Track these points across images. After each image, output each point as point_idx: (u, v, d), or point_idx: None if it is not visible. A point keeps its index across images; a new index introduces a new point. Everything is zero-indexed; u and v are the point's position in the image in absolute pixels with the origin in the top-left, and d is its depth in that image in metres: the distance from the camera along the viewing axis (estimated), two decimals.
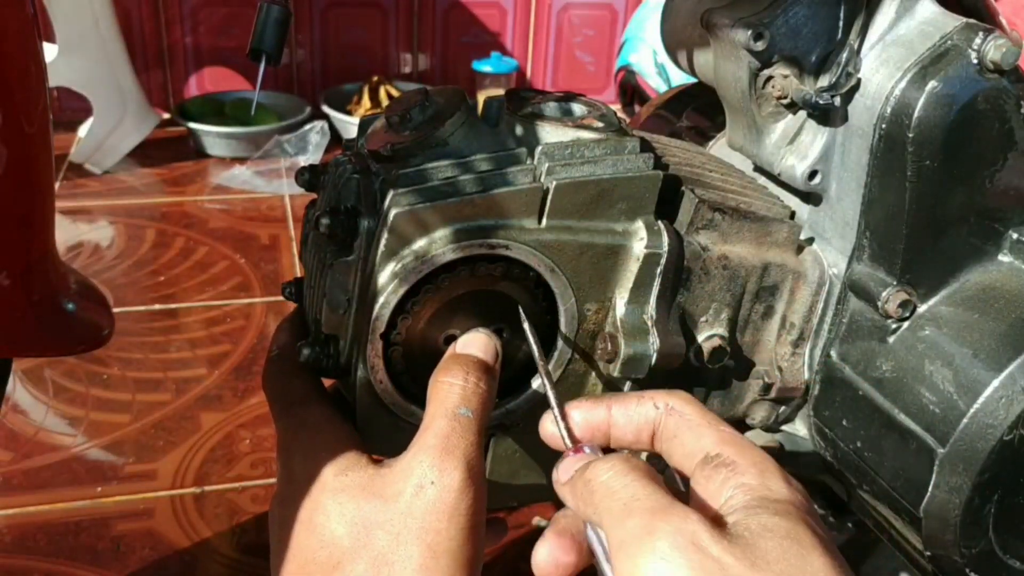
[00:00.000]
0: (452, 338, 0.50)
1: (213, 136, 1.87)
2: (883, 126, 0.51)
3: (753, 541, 0.36)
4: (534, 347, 0.48)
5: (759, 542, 0.36)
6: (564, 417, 0.45)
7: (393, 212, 0.46)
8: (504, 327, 0.51)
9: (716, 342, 0.55)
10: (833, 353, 0.57)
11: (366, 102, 1.98)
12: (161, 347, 1.25)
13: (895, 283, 0.53)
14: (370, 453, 0.48)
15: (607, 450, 0.44)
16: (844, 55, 0.53)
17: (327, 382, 0.54)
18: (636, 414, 0.44)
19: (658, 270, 0.51)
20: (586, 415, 0.45)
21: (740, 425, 0.61)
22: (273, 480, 0.89)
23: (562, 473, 0.42)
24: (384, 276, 0.47)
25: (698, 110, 0.71)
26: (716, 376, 0.57)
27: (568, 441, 0.44)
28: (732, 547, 0.35)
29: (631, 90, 1.99)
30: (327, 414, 0.50)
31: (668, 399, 0.44)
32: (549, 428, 0.45)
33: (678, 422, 0.43)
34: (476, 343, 0.49)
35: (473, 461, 0.45)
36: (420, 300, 0.48)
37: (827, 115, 0.55)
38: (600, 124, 0.51)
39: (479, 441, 0.46)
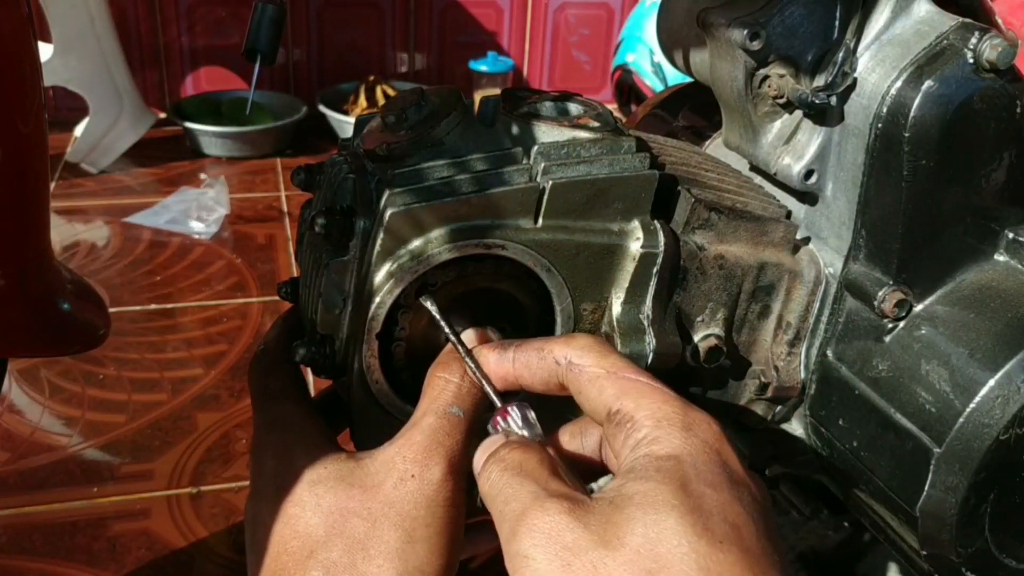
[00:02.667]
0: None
1: (209, 136, 1.87)
2: (879, 126, 0.51)
3: (612, 516, 0.35)
4: (441, 322, 0.48)
5: (616, 516, 0.35)
6: (483, 374, 0.45)
7: (389, 212, 0.46)
8: (506, 325, 0.51)
9: (712, 342, 0.55)
10: (829, 352, 0.57)
11: (362, 101, 1.98)
12: (157, 347, 1.25)
13: (891, 283, 0.53)
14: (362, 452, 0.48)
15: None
16: (840, 55, 0.53)
17: (326, 382, 0.54)
18: (539, 368, 0.44)
19: (654, 270, 0.51)
20: (494, 367, 0.45)
21: (737, 425, 0.61)
22: None
23: (477, 458, 0.42)
24: (380, 276, 0.47)
25: (694, 110, 0.71)
26: (712, 376, 0.57)
27: (496, 400, 0.44)
28: (588, 530, 0.35)
29: (627, 89, 1.99)
30: (301, 412, 0.50)
31: (566, 351, 0.43)
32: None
33: (578, 377, 0.42)
34: (474, 340, 0.49)
35: (456, 458, 0.45)
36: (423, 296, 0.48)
37: (823, 115, 0.55)
38: (596, 124, 0.51)
39: (466, 441, 0.46)
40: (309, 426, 0.49)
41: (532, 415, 0.43)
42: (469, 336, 0.49)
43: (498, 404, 0.44)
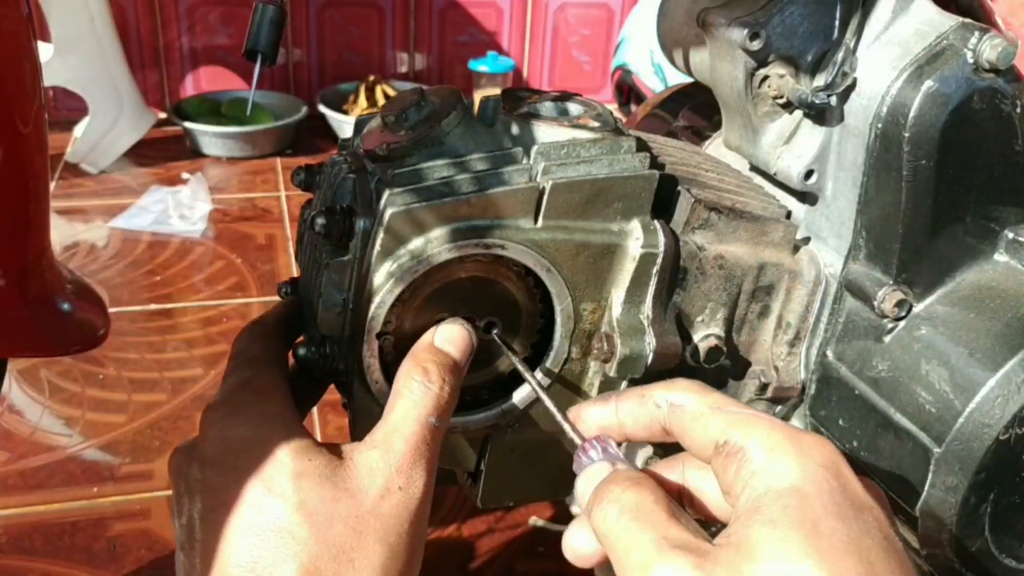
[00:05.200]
0: None
1: (209, 136, 1.87)
2: (879, 125, 0.51)
3: (741, 567, 0.34)
4: (531, 380, 0.48)
5: (747, 567, 0.34)
6: (568, 421, 0.45)
7: (389, 212, 0.46)
8: (497, 321, 0.51)
9: (712, 342, 0.55)
10: (829, 353, 0.57)
11: (362, 101, 1.98)
12: (157, 347, 1.25)
13: (891, 282, 0.53)
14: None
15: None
16: (840, 55, 0.53)
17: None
18: (641, 415, 0.43)
19: (654, 270, 0.51)
20: (597, 419, 0.44)
21: None
22: None
23: (582, 489, 0.41)
24: (380, 276, 0.47)
25: (694, 110, 0.71)
26: (712, 376, 0.57)
27: (575, 437, 0.44)
28: None
29: (627, 90, 1.99)
30: (281, 384, 0.49)
31: (667, 393, 0.42)
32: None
33: (681, 417, 0.41)
34: (456, 339, 0.49)
35: (433, 474, 0.46)
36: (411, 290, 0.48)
37: (823, 115, 0.55)
38: (596, 124, 0.51)
39: (438, 452, 0.47)
40: (284, 400, 0.48)
41: (614, 446, 0.43)
42: (451, 332, 0.49)
43: (577, 441, 0.43)
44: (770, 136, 0.57)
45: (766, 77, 0.55)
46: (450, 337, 0.49)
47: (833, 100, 0.53)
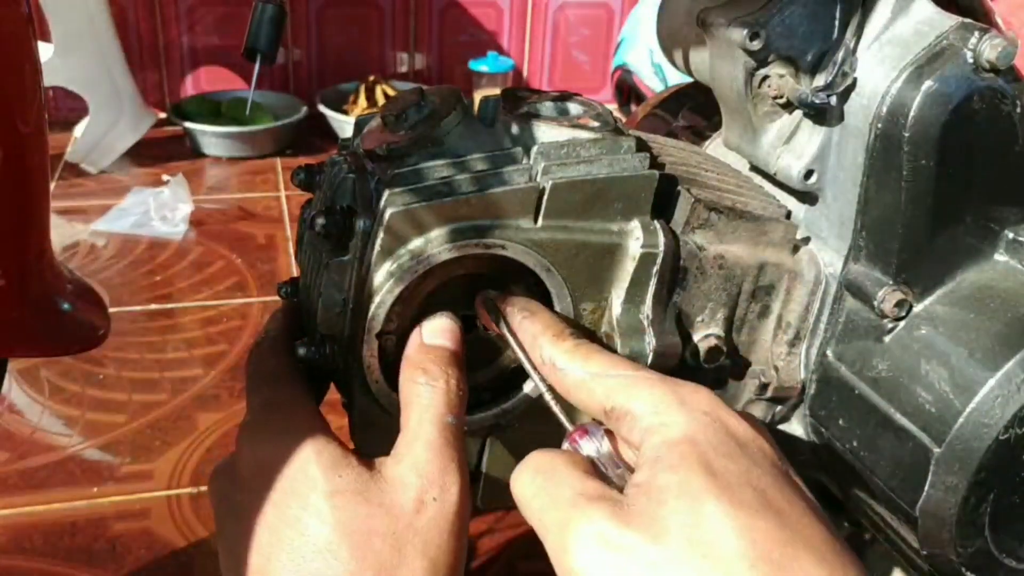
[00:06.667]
0: None
1: (209, 136, 1.87)
2: (879, 125, 0.51)
3: (654, 511, 0.36)
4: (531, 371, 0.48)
5: (659, 510, 0.36)
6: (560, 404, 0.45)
7: (389, 211, 0.46)
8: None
9: (712, 342, 0.55)
10: (829, 353, 0.57)
11: (362, 101, 1.98)
12: (157, 347, 1.25)
13: (891, 282, 0.53)
14: (367, 453, 0.47)
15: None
16: (840, 54, 0.53)
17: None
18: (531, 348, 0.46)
19: (654, 270, 0.51)
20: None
21: None
22: None
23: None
24: (380, 276, 0.47)
25: (694, 110, 0.71)
26: (712, 376, 0.57)
27: (567, 424, 0.44)
28: (635, 530, 0.36)
29: (627, 90, 1.99)
30: (300, 396, 0.49)
31: (551, 352, 0.45)
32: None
33: (564, 382, 0.44)
34: (443, 330, 0.48)
35: (465, 473, 0.45)
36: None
37: (823, 115, 0.55)
38: (596, 124, 0.51)
39: (465, 447, 0.46)
40: (310, 413, 0.48)
41: (601, 432, 0.43)
42: (438, 325, 0.49)
43: (569, 427, 0.44)
44: (770, 136, 0.57)
45: (766, 77, 0.55)
46: (437, 330, 0.48)
47: (833, 100, 0.53)
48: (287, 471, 0.44)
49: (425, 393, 0.46)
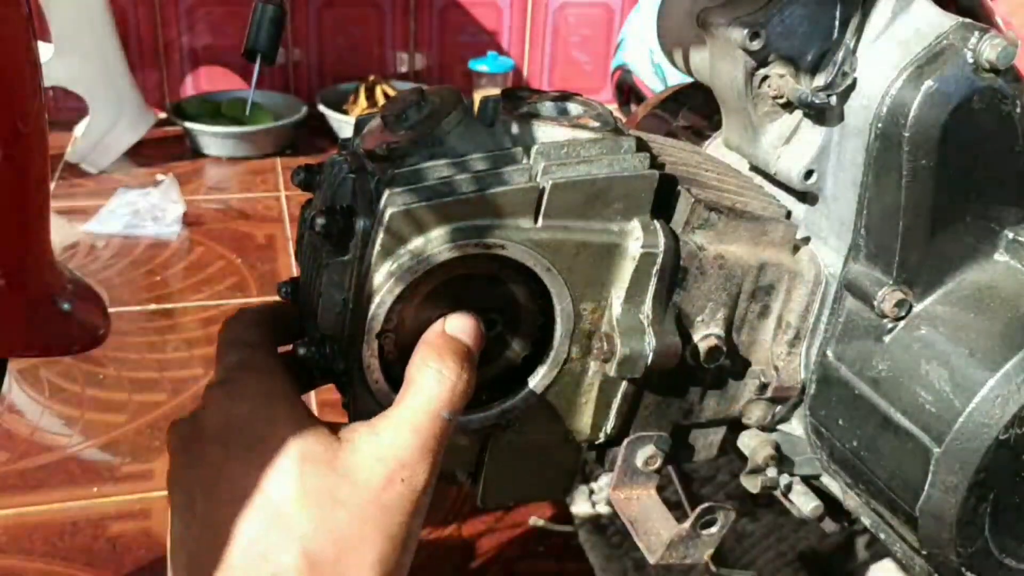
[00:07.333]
0: None
1: (209, 136, 1.87)
2: (879, 125, 0.51)
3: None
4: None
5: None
6: None
7: (389, 211, 0.46)
8: (497, 319, 0.51)
9: (712, 342, 0.55)
10: (829, 353, 0.57)
11: (362, 101, 1.98)
12: (157, 347, 1.25)
13: (891, 282, 0.53)
14: None
15: None
16: (840, 54, 0.53)
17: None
18: None
19: (654, 269, 0.51)
20: None
21: (736, 425, 0.61)
22: None
23: None
24: (380, 276, 0.47)
25: (694, 110, 0.71)
26: (712, 376, 0.57)
27: None
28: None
29: (627, 90, 1.99)
30: (274, 363, 0.49)
31: None
32: None
33: None
34: (467, 329, 0.48)
35: (437, 466, 0.46)
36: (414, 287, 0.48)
37: (823, 115, 0.55)
38: (596, 124, 0.51)
39: (446, 445, 0.46)
40: (287, 380, 0.48)
41: None
42: (462, 321, 0.49)
43: None
44: (770, 136, 0.57)
45: (766, 77, 0.55)
46: (461, 327, 0.48)
47: (833, 100, 0.53)
48: (259, 430, 0.44)
49: (433, 380, 0.46)
